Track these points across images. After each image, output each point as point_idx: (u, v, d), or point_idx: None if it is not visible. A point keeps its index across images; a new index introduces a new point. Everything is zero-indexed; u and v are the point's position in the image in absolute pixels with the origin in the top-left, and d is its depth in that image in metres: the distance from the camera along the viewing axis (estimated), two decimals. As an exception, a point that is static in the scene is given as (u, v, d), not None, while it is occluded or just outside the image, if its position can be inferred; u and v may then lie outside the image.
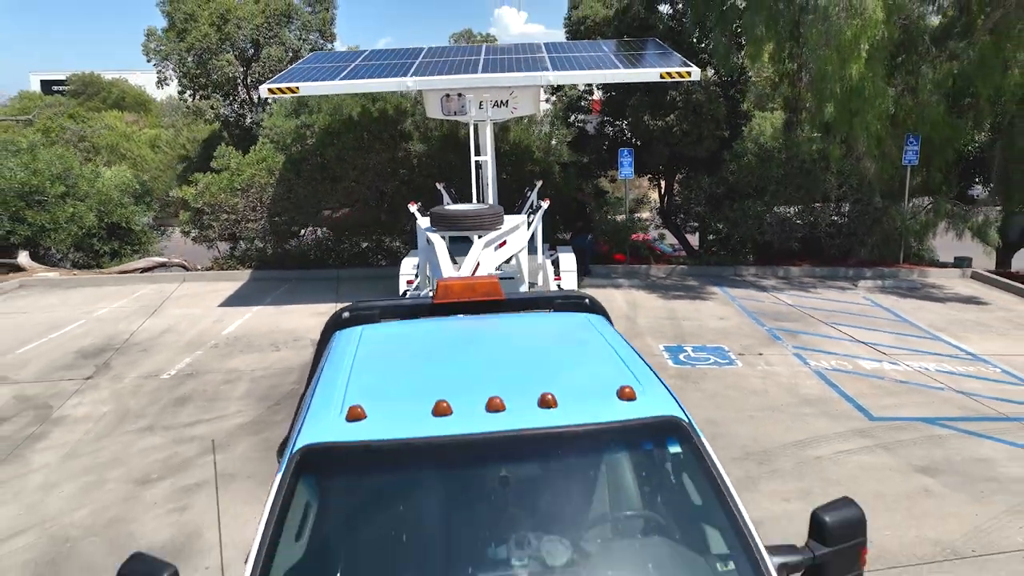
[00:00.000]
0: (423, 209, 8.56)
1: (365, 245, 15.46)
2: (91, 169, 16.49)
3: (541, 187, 10.82)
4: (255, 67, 17.77)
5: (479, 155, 10.50)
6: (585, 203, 15.44)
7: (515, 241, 7.80)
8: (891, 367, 8.61)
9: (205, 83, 17.52)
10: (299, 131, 14.43)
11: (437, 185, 11.45)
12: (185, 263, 15.68)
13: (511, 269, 8.34)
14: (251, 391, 8.10)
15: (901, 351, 9.26)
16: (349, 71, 10.98)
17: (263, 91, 10.47)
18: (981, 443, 6.46)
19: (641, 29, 14.74)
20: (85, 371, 8.89)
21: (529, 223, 8.72)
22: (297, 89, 10.29)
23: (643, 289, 13.17)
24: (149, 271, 15.29)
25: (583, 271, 12.92)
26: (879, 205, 14.25)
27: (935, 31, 12.92)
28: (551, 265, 9.88)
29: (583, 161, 16.32)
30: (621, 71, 11.01)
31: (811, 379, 8.20)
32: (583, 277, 12.96)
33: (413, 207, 8.82)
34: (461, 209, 7.74)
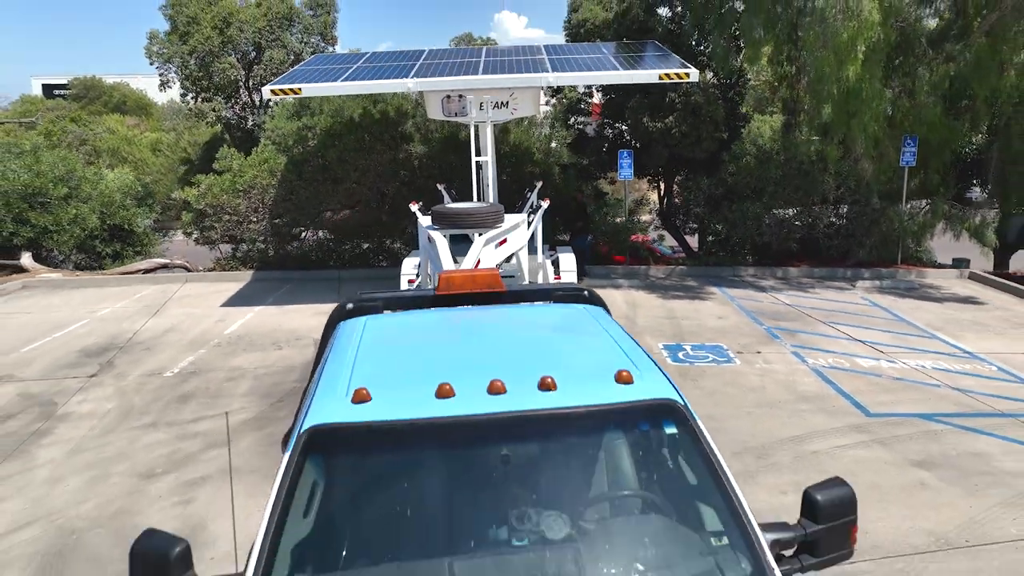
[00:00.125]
0: (424, 209, 8.65)
1: (366, 246, 15.54)
2: (94, 171, 16.56)
3: (541, 188, 10.90)
4: (257, 70, 17.91)
5: (480, 156, 10.59)
6: (585, 204, 15.51)
7: (515, 239, 7.88)
8: (888, 365, 8.68)
9: (207, 85, 17.66)
10: (301, 133, 14.52)
11: (438, 186, 11.53)
12: (187, 265, 15.76)
13: (511, 268, 8.42)
14: (254, 388, 8.17)
15: (898, 349, 9.33)
16: (351, 73, 11.07)
17: (266, 92, 10.56)
18: (977, 438, 6.53)
19: (640, 32, 14.83)
20: (89, 369, 8.97)
21: (529, 223, 8.80)
22: (300, 90, 10.37)
23: (642, 289, 13.24)
24: (151, 272, 15.37)
25: (581, 272, 12.98)
26: (877, 206, 14.32)
27: (932, 34, 13.00)
28: (551, 265, 9.96)
29: (583, 163, 16.41)
30: (620, 72, 11.11)
31: (809, 376, 8.27)
32: (582, 278, 13.02)
33: (414, 207, 8.93)
34: (462, 207, 7.83)
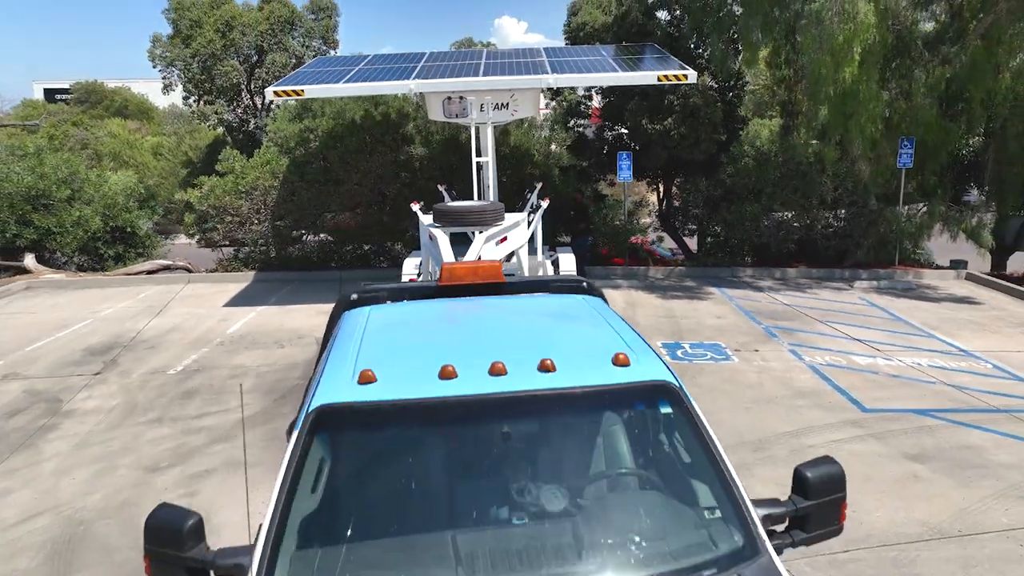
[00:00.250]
0: (425, 209, 8.75)
1: (367, 247, 15.64)
2: (97, 173, 16.68)
3: (541, 189, 10.99)
4: (259, 73, 18.04)
5: (480, 157, 10.69)
6: (586, 205, 15.62)
7: (516, 237, 7.98)
8: (884, 362, 8.77)
9: (210, 88, 17.78)
10: (303, 135, 14.64)
11: (439, 187, 11.62)
12: (189, 266, 15.86)
13: (511, 267, 8.51)
14: (257, 385, 8.26)
15: (895, 347, 9.42)
16: (353, 74, 11.19)
17: (269, 93, 10.67)
18: (970, 432, 6.62)
19: (639, 35, 14.97)
20: (93, 367, 9.06)
21: (529, 222, 8.90)
22: (302, 92, 10.49)
23: (642, 290, 13.34)
24: (154, 274, 15.47)
25: (580, 273, 13.08)
26: (874, 208, 14.43)
27: (928, 36, 13.14)
28: (551, 265, 10.05)
29: (582, 165, 16.53)
30: (619, 74, 11.23)
31: (806, 373, 8.37)
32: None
33: (415, 206, 9.03)
34: (463, 205, 7.93)
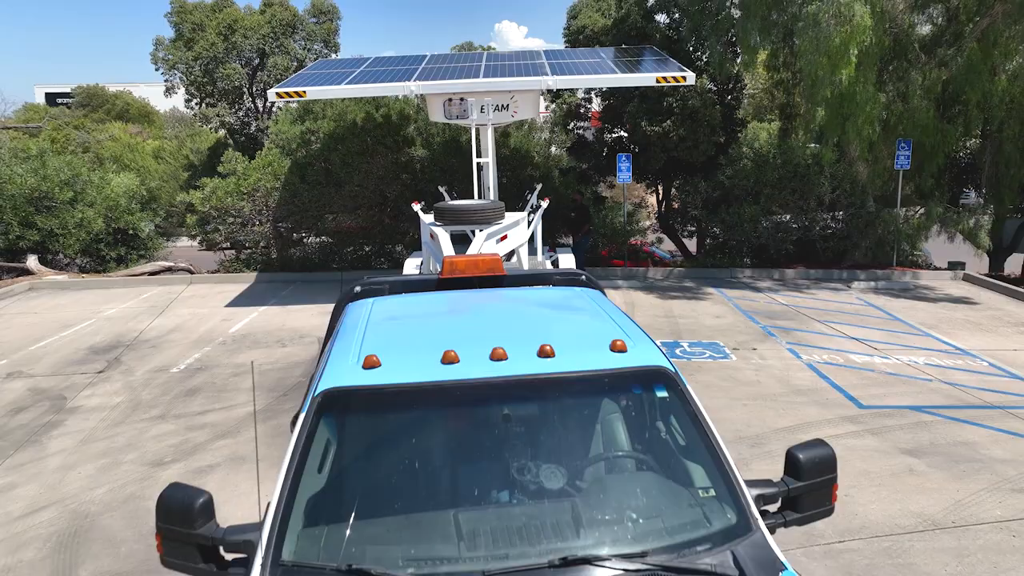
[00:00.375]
0: (426, 209, 8.84)
1: (368, 248, 15.73)
2: (100, 176, 16.77)
3: (540, 190, 11.08)
4: (260, 76, 18.15)
5: (480, 157, 10.77)
6: (586, 205, 15.71)
7: (516, 236, 8.06)
8: (881, 361, 8.85)
9: (212, 91, 17.89)
10: (304, 136, 14.74)
11: (439, 188, 11.70)
12: (191, 268, 15.95)
13: (512, 267, 8.58)
14: (259, 383, 8.34)
15: (892, 346, 9.50)
16: (355, 76, 11.30)
17: (271, 95, 10.77)
18: (965, 428, 6.69)
19: (638, 38, 15.09)
20: (97, 366, 9.13)
21: (529, 222, 8.98)
22: (304, 93, 10.59)
23: (641, 290, 13.43)
24: (156, 275, 15.55)
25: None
26: (872, 209, 14.53)
27: (925, 39, 13.25)
28: (551, 265, 10.13)
29: (582, 167, 16.64)
30: (619, 76, 11.33)
31: (803, 371, 8.44)
32: None
33: (416, 206, 9.11)
34: (464, 203, 8.02)
